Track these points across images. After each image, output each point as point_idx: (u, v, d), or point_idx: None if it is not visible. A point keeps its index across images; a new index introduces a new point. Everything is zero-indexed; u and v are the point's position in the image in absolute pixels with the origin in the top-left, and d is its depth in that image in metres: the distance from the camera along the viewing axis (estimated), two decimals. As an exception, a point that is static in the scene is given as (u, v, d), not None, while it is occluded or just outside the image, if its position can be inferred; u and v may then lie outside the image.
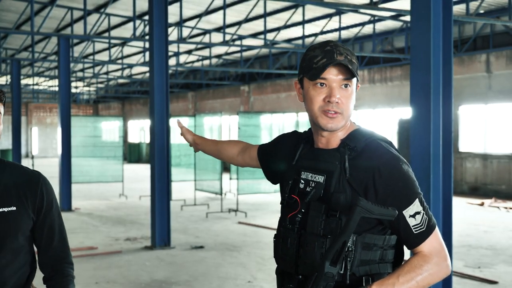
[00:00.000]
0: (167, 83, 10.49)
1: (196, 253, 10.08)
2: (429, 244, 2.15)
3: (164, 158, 10.50)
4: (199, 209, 15.75)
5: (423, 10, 5.39)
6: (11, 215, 2.40)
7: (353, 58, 2.24)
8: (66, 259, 2.62)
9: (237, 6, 17.81)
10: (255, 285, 8.02)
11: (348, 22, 19.86)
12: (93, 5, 17.83)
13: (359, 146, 2.23)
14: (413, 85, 5.51)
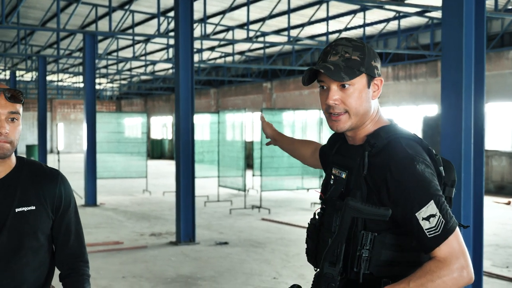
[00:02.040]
0: (192, 80, 10.52)
1: (221, 249, 10.09)
2: (445, 249, 2.00)
3: (189, 154, 10.52)
4: (222, 205, 15.78)
5: (455, 6, 5.33)
6: (31, 214, 2.41)
7: (354, 54, 2.16)
8: (82, 257, 2.62)
9: (261, 2, 17.76)
10: (280, 281, 8.02)
11: (372, 18, 19.74)
12: (117, 2, 17.91)
13: (380, 143, 2.16)
14: (444, 83, 5.45)
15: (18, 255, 2.38)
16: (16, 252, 2.38)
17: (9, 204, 2.38)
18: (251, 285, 7.83)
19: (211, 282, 7.97)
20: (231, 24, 20.55)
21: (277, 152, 16.06)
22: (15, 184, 2.42)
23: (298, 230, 12.01)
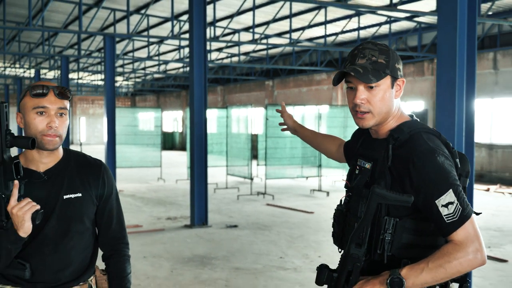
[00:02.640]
0: (205, 78, 10.51)
1: (231, 232, 10.12)
2: (461, 233, 2.03)
3: (202, 145, 10.52)
4: (230, 192, 15.80)
5: (449, 12, 5.32)
6: (77, 200, 2.42)
7: (380, 57, 2.17)
8: (123, 239, 2.65)
9: (265, 7, 17.75)
10: (286, 260, 8.04)
11: (366, 22, 19.72)
12: (134, 6, 17.88)
13: (403, 137, 2.17)
14: (439, 81, 5.44)
15: (66, 238, 2.39)
16: (64, 236, 2.39)
17: (57, 192, 2.39)
18: (260, 264, 7.84)
19: (224, 261, 7.99)
20: (238, 27, 20.53)
21: (280, 143, 16.09)
22: (63, 173, 2.43)
23: (300, 214, 12.02)
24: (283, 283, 6.88)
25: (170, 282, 6.91)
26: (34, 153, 2.38)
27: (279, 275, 7.27)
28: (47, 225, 2.35)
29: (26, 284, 2.34)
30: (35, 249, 2.34)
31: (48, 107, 2.30)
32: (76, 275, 2.43)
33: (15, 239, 2.19)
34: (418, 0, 15.62)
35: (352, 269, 2.08)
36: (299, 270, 7.53)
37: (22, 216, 2.16)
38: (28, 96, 2.32)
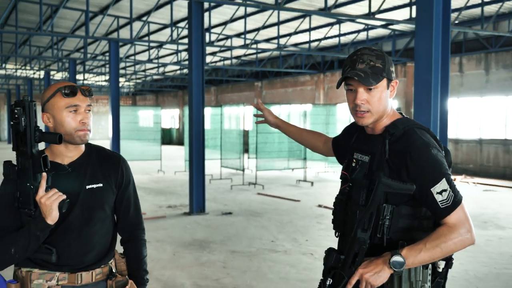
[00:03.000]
0: (203, 79, 10.48)
1: (227, 218, 10.10)
2: (454, 217, 2.08)
3: (200, 140, 10.50)
4: (224, 182, 15.78)
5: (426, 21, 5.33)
6: (99, 190, 2.40)
7: (378, 62, 2.17)
8: (140, 225, 2.63)
9: (256, 16, 17.72)
10: (277, 244, 8.04)
11: (346, 29, 19.75)
12: (136, 14, 17.78)
13: (398, 132, 2.18)
14: (416, 82, 5.46)
15: (89, 225, 2.37)
16: (87, 222, 2.37)
17: (81, 182, 2.37)
18: (254, 247, 7.84)
19: (221, 245, 7.98)
20: (230, 34, 20.47)
21: (269, 138, 16.08)
22: (85, 165, 2.41)
23: (288, 202, 12.02)
24: (275, 265, 6.88)
25: (173, 264, 6.89)
26: (61, 147, 2.35)
27: (271, 257, 7.27)
28: (72, 213, 2.32)
29: (53, 267, 2.32)
30: (61, 235, 2.31)
31: (79, 105, 2.30)
32: (98, 258, 2.41)
33: (43, 227, 2.18)
34: (393, 9, 15.68)
35: (358, 251, 2.10)
36: (289, 252, 7.53)
37: (50, 205, 2.15)
38: (58, 97, 2.29)
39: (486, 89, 17.65)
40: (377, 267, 2.06)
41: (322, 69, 25.20)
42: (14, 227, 2.25)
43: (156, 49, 24.64)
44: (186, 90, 39.82)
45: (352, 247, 2.10)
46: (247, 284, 6.04)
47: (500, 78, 17.32)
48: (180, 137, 39.85)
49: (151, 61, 23.73)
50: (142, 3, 16.71)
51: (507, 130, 17.32)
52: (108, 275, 2.45)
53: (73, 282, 2.34)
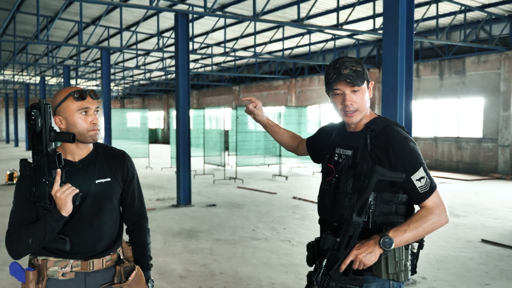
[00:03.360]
0: (188, 84, 10.43)
1: (211, 209, 10.07)
2: (431, 200, 2.18)
3: (186, 139, 10.45)
4: (207, 177, 15.73)
5: (393, 31, 5.39)
6: (107, 184, 2.38)
7: (358, 67, 2.24)
8: (144, 216, 2.64)
9: (234, 26, 17.70)
10: (258, 232, 8.05)
11: (315, 39, 19.84)
12: (125, 24, 17.61)
13: (377, 128, 2.26)
14: (384, 86, 5.51)
15: (99, 216, 2.36)
16: (97, 214, 2.35)
17: (91, 177, 2.35)
18: (237, 235, 7.84)
19: (207, 233, 7.96)
20: (211, 42, 20.40)
21: (247, 137, 16.07)
22: (94, 162, 2.39)
23: (265, 194, 12.03)
24: (257, 251, 6.89)
25: (164, 251, 6.86)
26: (72, 146, 2.34)
27: (253, 244, 7.28)
28: (83, 205, 2.31)
29: (67, 255, 2.30)
30: (73, 226, 2.29)
31: (89, 107, 2.28)
32: (107, 246, 2.40)
33: (59, 218, 2.16)
34: (358, 21, 15.81)
35: (353, 233, 2.14)
36: (269, 240, 7.55)
37: (65, 199, 2.13)
38: (70, 101, 2.26)
39: (440, 92, 17.93)
40: (369, 248, 2.12)
41: (293, 74, 25.27)
42: (30, 220, 2.23)
43: (143, 57, 24.44)
44: (170, 93, 39.57)
45: (347, 230, 2.14)
46: (233, 269, 6.04)
47: (452, 83, 17.60)
48: (165, 136, 39.59)
49: (138, 68, 23.50)
50: (131, 15, 16.56)
51: (459, 129, 17.62)
52: (116, 261, 2.44)
53: (86, 268, 2.32)
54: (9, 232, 2.24)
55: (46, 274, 2.28)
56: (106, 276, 2.39)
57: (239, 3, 14.47)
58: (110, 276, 2.40)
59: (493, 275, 5.77)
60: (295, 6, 14.36)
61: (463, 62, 17.22)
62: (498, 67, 16.09)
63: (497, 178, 15.49)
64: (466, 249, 6.93)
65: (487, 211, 9.86)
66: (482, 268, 6.05)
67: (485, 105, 16.54)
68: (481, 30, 16.37)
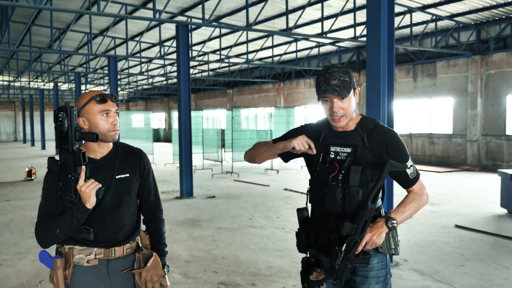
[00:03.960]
0: (189, 88, 10.37)
1: (211, 201, 10.04)
2: (418, 185, 2.35)
3: (188, 138, 10.41)
4: (206, 172, 15.69)
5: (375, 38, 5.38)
6: (126, 179, 2.36)
7: (345, 77, 2.22)
8: (159, 207, 2.60)
9: (229, 36, 17.66)
10: (254, 221, 8.04)
11: (301, 46, 19.84)
12: (130, 35, 17.50)
13: (370, 126, 2.31)
14: (368, 89, 5.49)
15: (119, 208, 2.33)
16: (118, 206, 2.33)
17: (111, 173, 2.33)
18: (235, 224, 7.82)
19: (208, 222, 7.93)
20: (207, 50, 20.33)
21: (242, 135, 16.03)
22: (114, 159, 2.37)
23: (259, 187, 12.02)
24: (255, 238, 6.88)
25: (171, 239, 6.81)
26: (94, 145, 2.31)
27: (251, 231, 7.27)
28: (105, 199, 2.28)
29: (91, 244, 2.27)
30: (96, 217, 2.27)
31: (110, 109, 2.26)
32: (127, 235, 2.38)
33: (83, 210, 2.15)
34: (340, 30, 15.82)
35: (368, 219, 2.21)
36: (265, 227, 7.54)
37: (89, 193, 2.12)
38: (93, 104, 2.24)
39: (414, 93, 17.99)
40: (379, 229, 2.21)
41: (282, 78, 25.23)
42: (57, 212, 2.20)
43: (146, 64, 24.30)
44: (171, 97, 39.41)
45: (364, 216, 2.19)
46: (233, 254, 6.02)
47: (425, 85, 17.66)
48: (167, 135, 39.46)
49: (142, 74, 23.36)
50: (135, 26, 16.46)
51: (431, 126, 17.69)
52: (136, 249, 2.43)
53: (108, 255, 2.30)
54: (38, 223, 2.21)
55: (72, 261, 2.26)
56: (126, 262, 2.37)
57: (233, 14, 14.43)
58: (130, 262, 2.38)
59: (468, 257, 5.81)
60: (284, 17, 14.34)
61: (434, 66, 17.30)
62: (466, 70, 16.18)
63: (466, 170, 15.59)
64: (442, 234, 6.96)
65: (459, 199, 9.92)
66: (458, 251, 6.08)
67: (454, 105, 16.63)
68: (450, 37, 16.44)
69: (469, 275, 5.15)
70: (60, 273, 2.24)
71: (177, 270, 5.36)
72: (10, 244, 6.68)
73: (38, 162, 20.05)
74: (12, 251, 6.30)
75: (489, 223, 7.67)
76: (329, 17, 14.25)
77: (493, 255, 5.87)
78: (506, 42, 15.32)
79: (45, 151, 27.06)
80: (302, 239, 2.40)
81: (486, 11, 14.22)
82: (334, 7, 13.63)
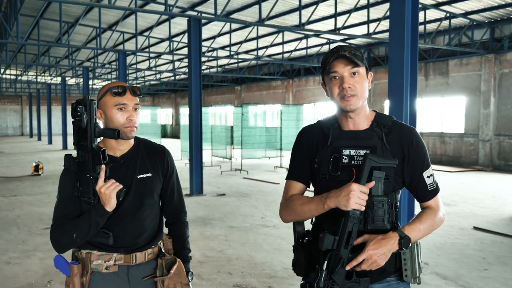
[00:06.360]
0: (200, 83, 10.20)
1: (221, 199, 9.87)
2: (436, 200, 1.95)
3: (198, 134, 10.24)
4: (215, 169, 15.51)
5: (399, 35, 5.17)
6: (148, 179, 2.17)
7: (356, 52, 1.88)
8: (183, 209, 2.42)
9: (239, 31, 17.46)
10: (267, 220, 7.86)
11: (312, 43, 19.58)
12: (139, 30, 17.33)
13: (388, 124, 1.92)
14: (390, 85, 5.30)
15: (140, 210, 2.15)
16: (139, 208, 2.15)
17: (132, 172, 2.15)
18: (248, 223, 7.64)
19: (220, 221, 7.76)
20: (216, 46, 20.13)
21: (251, 132, 15.87)
22: (135, 157, 2.19)
23: (269, 185, 11.84)
24: (268, 237, 6.70)
25: (182, 238, 6.65)
26: (113, 142, 2.13)
27: (264, 231, 7.08)
28: (126, 200, 2.10)
29: (110, 249, 2.09)
30: (116, 220, 2.09)
31: (127, 103, 2.07)
32: (149, 239, 2.19)
33: (103, 213, 1.97)
34: (353, 26, 15.57)
35: (352, 229, 1.77)
36: (278, 227, 7.36)
37: (109, 194, 1.94)
38: (109, 95, 2.06)
39: (426, 92, 17.71)
40: (387, 246, 1.76)
41: (291, 75, 25.03)
42: (74, 214, 2.03)
43: (154, 59, 24.14)
44: (178, 92, 39.27)
45: (346, 225, 1.77)
46: (248, 254, 5.84)
47: (437, 83, 17.39)
48: (174, 131, 39.35)
49: (150, 69, 23.23)
50: (144, 21, 16.28)
51: (442, 125, 17.42)
52: (158, 254, 2.24)
53: (129, 262, 2.12)
54: (53, 226, 2.03)
55: (90, 268, 2.08)
56: (148, 269, 2.18)
57: (243, 10, 14.22)
58: (151, 269, 2.20)
59: (490, 261, 5.59)
60: (296, 13, 14.12)
61: (446, 64, 17.01)
62: (479, 69, 15.89)
63: (478, 170, 15.32)
64: (461, 236, 6.75)
65: (474, 200, 9.69)
66: (479, 254, 5.86)
67: (467, 104, 16.35)
68: (463, 35, 16.15)
69: (493, 280, 4.94)
70: (77, 280, 2.07)
71: (191, 272, 5.18)
72: (18, 241, 6.53)
73: (45, 156, 19.97)
74: (19, 248, 6.15)
75: (507, 225, 7.45)
76: (342, 13, 14.00)
77: (517, 260, 5.65)
78: (521, 40, 15.02)
79: (52, 146, 27.00)
80: (302, 259, 1.95)
81: (501, 9, 13.93)
82: (347, 3, 13.39)
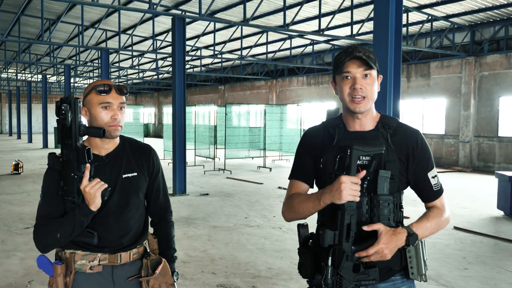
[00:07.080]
0: (184, 82, 10.15)
1: (205, 198, 9.84)
2: (441, 200, 1.96)
3: (182, 134, 10.18)
4: (198, 168, 15.45)
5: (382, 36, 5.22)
6: (133, 179, 2.15)
7: (370, 54, 1.90)
8: (168, 209, 2.39)
9: (222, 31, 17.44)
10: (250, 220, 7.86)
11: (295, 44, 19.64)
12: (122, 28, 17.17)
13: (393, 125, 1.95)
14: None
15: (126, 210, 2.12)
16: (124, 208, 2.12)
17: (118, 172, 2.12)
18: (231, 223, 7.63)
19: (203, 221, 7.73)
20: (200, 46, 20.05)
21: (235, 132, 15.85)
22: (121, 156, 2.16)
23: (253, 185, 11.84)
24: (252, 237, 6.70)
25: (165, 238, 6.60)
26: (98, 140, 2.10)
27: (247, 231, 7.08)
28: (110, 200, 2.07)
29: (95, 249, 2.06)
30: (101, 220, 2.06)
31: (111, 102, 2.04)
32: (134, 239, 2.17)
33: (87, 213, 1.94)
34: (337, 28, 15.66)
35: (350, 221, 1.79)
36: (261, 227, 7.36)
37: (94, 194, 1.91)
38: (94, 94, 2.04)
39: (407, 93, 17.91)
40: (397, 242, 1.80)
41: (274, 75, 25.07)
42: (58, 213, 1.99)
43: (137, 58, 23.94)
44: (161, 92, 39.02)
45: (343, 219, 1.78)
46: (231, 254, 5.83)
47: (418, 85, 17.60)
48: (156, 130, 39.10)
49: (133, 68, 23.03)
50: (127, 19, 16.14)
51: (423, 126, 17.64)
52: (143, 254, 2.22)
53: (113, 261, 2.09)
54: (36, 225, 2.00)
55: (74, 268, 2.05)
56: (133, 269, 2.16)
57: (227, 9, 14.20)
58: (136, 269, 2.17)
59: (470, 260, 5.68)
60: (280, 13, 14.16)
61: (428, 66, 17.24)
62: (460, 71, 16.14)
63: (458, 170, 15.56)
64: (442, 236, 6.84)
65: (454, 200, 9.83)
66: (459, 254, 5.95)
67: (447, 105, 16.59)
68: (444, 38, 16.38)
69: (473, 279, 5.02)
70: (61, 280, 2.03)
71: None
72: (-2, 240, 6.42)
73: (25, 155, 19.64)
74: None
75: (487, 225, 7.57)
76: (326, 14, 14.08)
77: (495, 258, 5.75)
78: (499, 44, 15.30)
79: (31, 144, 26.57)
80: (308, 261, 1.93)
81: (481, 13, 14.17)
82: (331, 5, 13.47)
